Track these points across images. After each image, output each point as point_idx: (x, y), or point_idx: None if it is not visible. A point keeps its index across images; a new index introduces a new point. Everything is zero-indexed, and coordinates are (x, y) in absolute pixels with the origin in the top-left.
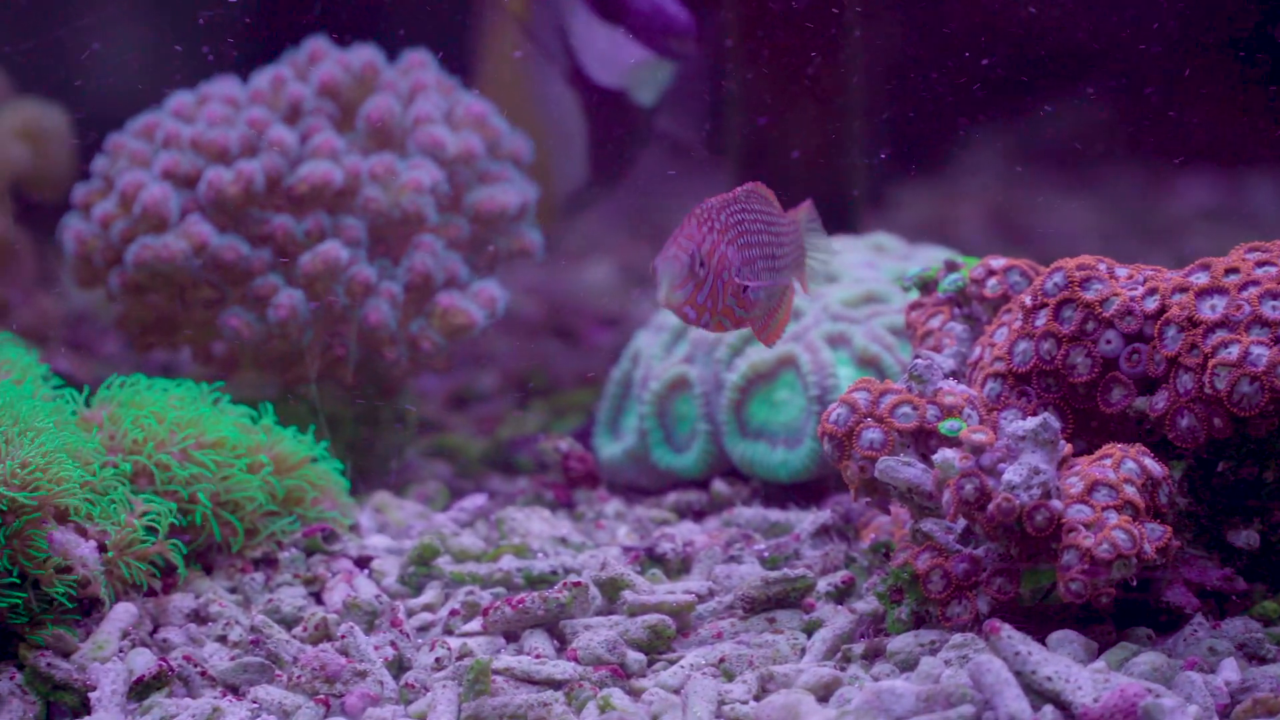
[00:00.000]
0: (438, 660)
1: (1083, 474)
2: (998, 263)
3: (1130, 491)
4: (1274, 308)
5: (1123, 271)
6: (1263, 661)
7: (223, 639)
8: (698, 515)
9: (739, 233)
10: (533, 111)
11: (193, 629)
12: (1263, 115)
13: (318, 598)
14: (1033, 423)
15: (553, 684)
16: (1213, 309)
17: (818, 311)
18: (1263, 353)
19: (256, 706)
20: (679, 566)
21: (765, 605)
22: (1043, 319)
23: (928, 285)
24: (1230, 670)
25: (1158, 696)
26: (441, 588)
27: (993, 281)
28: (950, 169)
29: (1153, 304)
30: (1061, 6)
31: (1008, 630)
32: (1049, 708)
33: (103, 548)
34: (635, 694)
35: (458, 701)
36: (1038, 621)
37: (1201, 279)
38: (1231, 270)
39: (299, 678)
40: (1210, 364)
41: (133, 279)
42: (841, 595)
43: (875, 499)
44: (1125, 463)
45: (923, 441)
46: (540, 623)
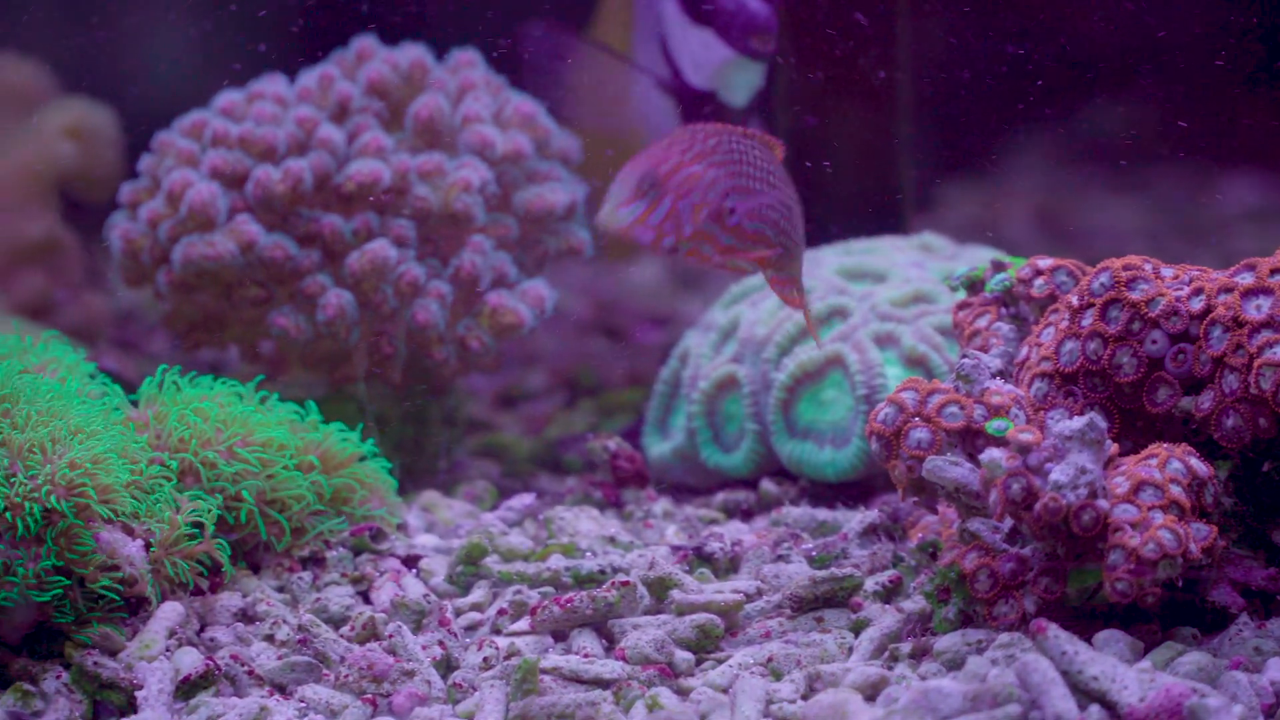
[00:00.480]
0: (485, 659)
1: (1129, 474)
2: (1045, 263)
3: (1176, 491)
4: None
5: (1168, 272)
6: None
7: (270, 638)
8: (746, 514)
9: (726, 159)
10: (632, 119)
11: (240, 628)
12: None
13: (365, 597)
14: (1079, 422)
15: (600, 683)
16: (1258, 309)
17: (865, 311)
18: None
19: (304, 706)
20: (727, 566)
21: (813, 604)
22: (1089, 319)
23: (975, 285)
24: (1276, 670)
25: (1203, 696)
26: (489, 587)
27: (1040, 281)
28: (998, 169)
29: (1198, 304)
30: (1109, 6)
31: (1054, 630)
32: (1095, 707)
33: (149, 546)
34: (683, 693)
35: (505, 701)
36: (1084, 621)
37: (1247, 279)
38: (1277, 270)
39: (346, 677)
40: (1256, 364)
41: (180, 278)
42: (889, 594)
43: (923, 498)
44: (1171, 462)
45: (970, 441)
46: (588, 622)
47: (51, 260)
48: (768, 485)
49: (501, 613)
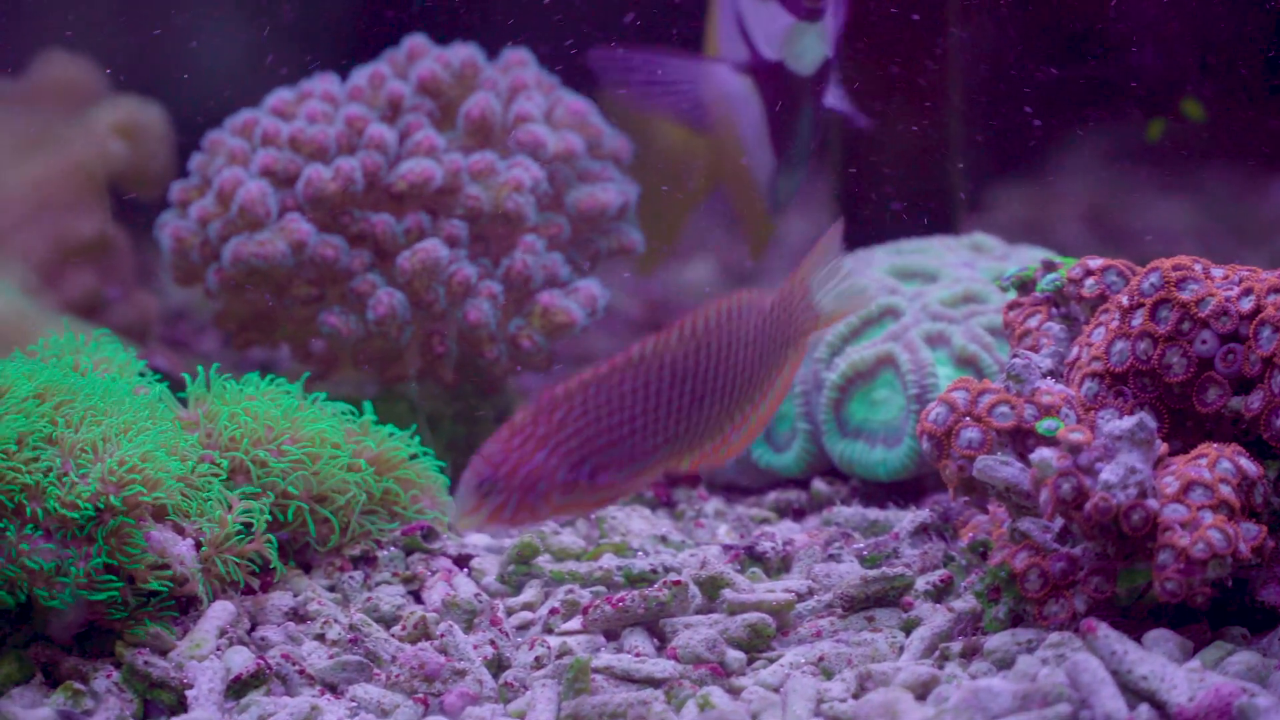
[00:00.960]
0: (537, 659)
1: (1178, 473)
2: (1095, 263)
3: (1226, 491)
4: None
5: (1218, 272)
6: None
7: (321, 637)
8: (797, 514)
9: (578, 428)
10: (719, 109)
11: (291, 627)
12: None
13: (417, 596)
14: (1129, 422)
15: (652, 682)
16: None
17: (917, 311)
18: None
19: (355, 705)
20: (779, 565)
21: (864, 604)
22: (1139, 319)
23: (1026, 285)
24: None
25: (1253, 696)
26: (541, 586)
27: (1090, 281)
28: (1049, 169)
29: (1248, 304)
30: (1160, 8)
31: (1104, 629)
32: (1144, 706)
33: (200, 545)
34: (735, 692)
35: (557, 700)
36: (1133, 621)
37: None
38: None
39: (398, 676)
40: None
41: (231, 276)
42: (940, 594)
43: (973, 498)
44: (1221, 462)
45: (1020, 441)
46: (640, 621)
47: (102, 259)
48: (819, 485)
49: (553, 612)
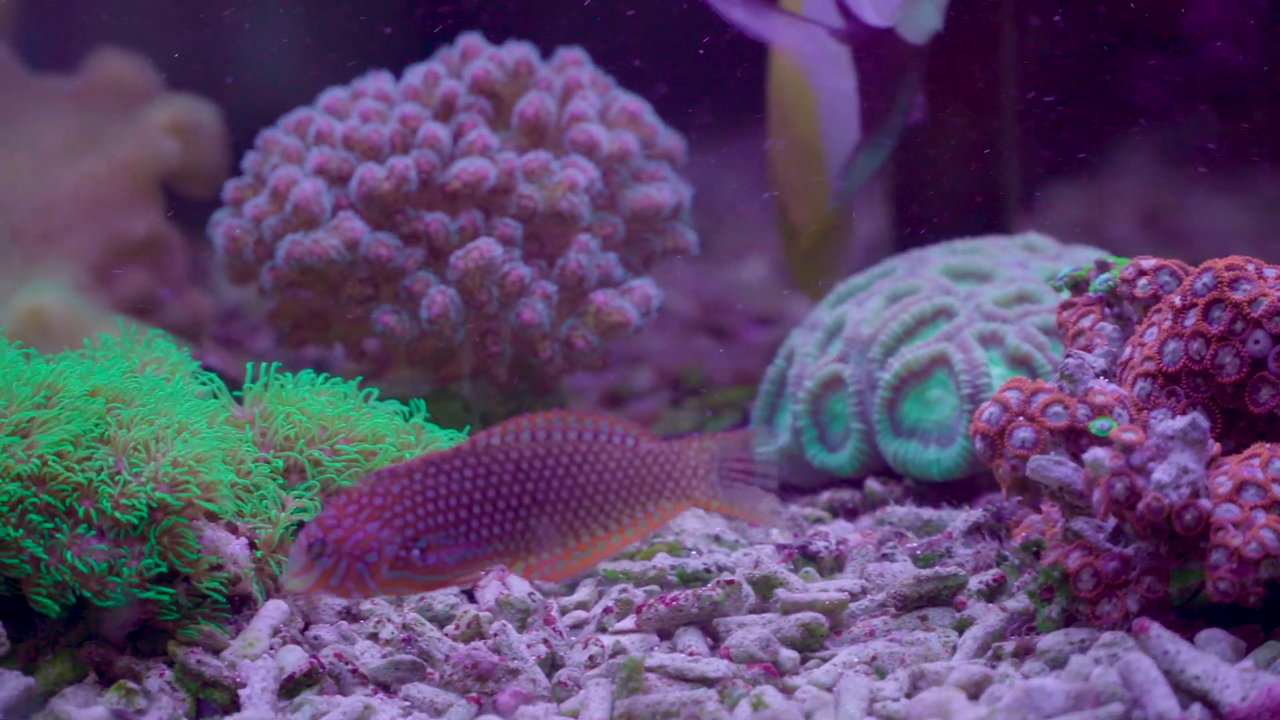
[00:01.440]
0: (591, 658)
1: (1231, 473)
2: (1148, 263)
3: (1278, 490)
4: None
5: (1271, 272)
6: None
7: (374, 637)
8: (851, 513)
9: (414, 504)
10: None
11: (344, 626)
12: None
13: (470, 596)
14: (1182, 422)
15: (705, 681)
16: None
17: (970, 310)
18: None
19: (408, 704)
20: (832, 564)
21: (917, 603)
22: (1192, 319)
23: (1079, 285)
24: None
25: None
26: (595, 585)
27: (1143, 281)
28: (1103, 170)
29: None
30: (1219, 6)
31: (1157, 629)
32: (1196, 706)
33: (253, 545)
34: (788, 691)
35: (610, 699)
36: (1186, 620)
37: None
38: None
39: (451, 675)
40: None
41: (284, 275)
42: (993, 593)
43: (1026, 497)
44: (1274, 462)
45: (1074, 440)
46: (694, 620)
47: (155, 257)
48: (873, 484)
49: (607, 611)
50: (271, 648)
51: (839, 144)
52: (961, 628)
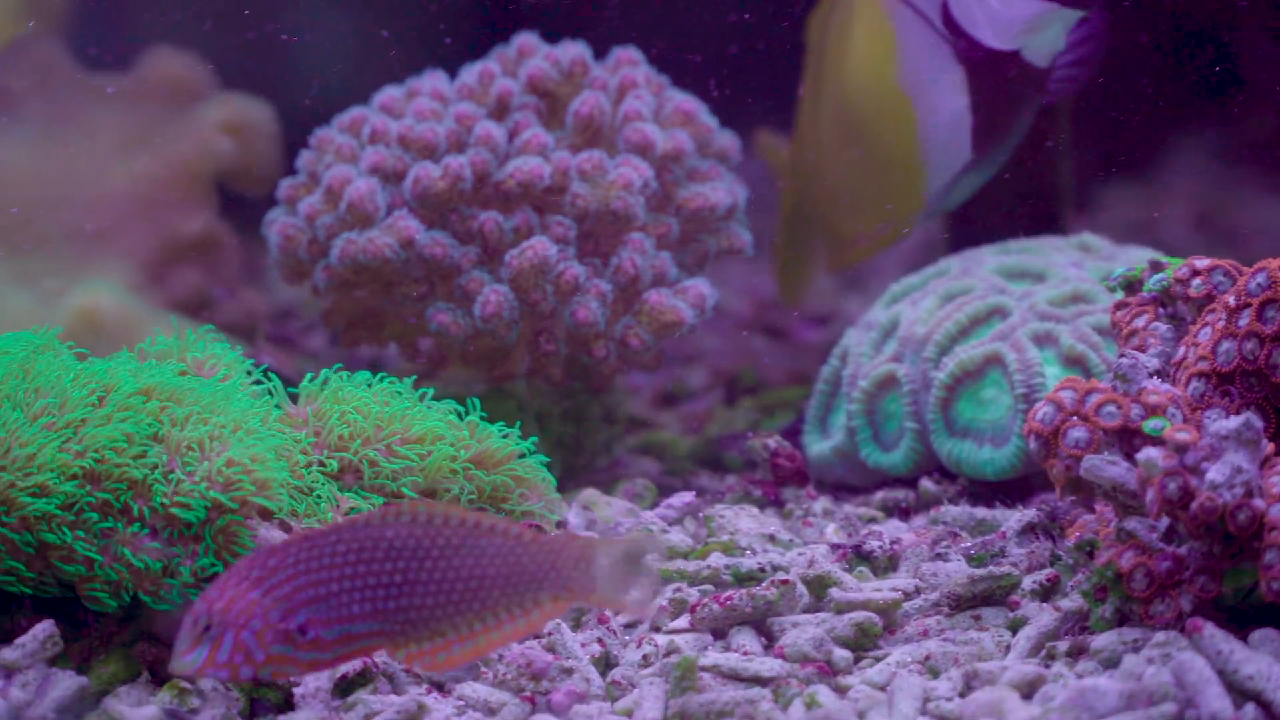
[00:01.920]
0: (645, 657)
1: None
2: (1202, 263)
3: None
4: None
5: None
6: None
7: None
8: (905, 513)
9: (296, 573)
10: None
11: None
12: None
13: None
14: (1236, 422)
15: (759, 681)
16: None
17: (1024, 310)
18: None
19: (462, 703)
20: (886, 564)
21: (971, 603)
22: (1246, 319)
23: (1133, 285)
24: None
25: None
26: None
27: (1197, 281)
28: (1157, 170)
29: None
30: (1272, 5)
31: (1210, 629)
32: (1250, 706)
33: None
34: (841, 691)
35: (664, 698)
36: (1239, 620)
37: None
38: None
39: (505, 674)
40: None
41: (339, 274)
42: (1046, 593)
43: (1080, 497)
44: None
45: (1127, 440)
46: (748, 620)
47: (209, 256)
48: (927, 484)
49: (661, 610)
50: None
51: (943, 161)
52: (1015, 627)
